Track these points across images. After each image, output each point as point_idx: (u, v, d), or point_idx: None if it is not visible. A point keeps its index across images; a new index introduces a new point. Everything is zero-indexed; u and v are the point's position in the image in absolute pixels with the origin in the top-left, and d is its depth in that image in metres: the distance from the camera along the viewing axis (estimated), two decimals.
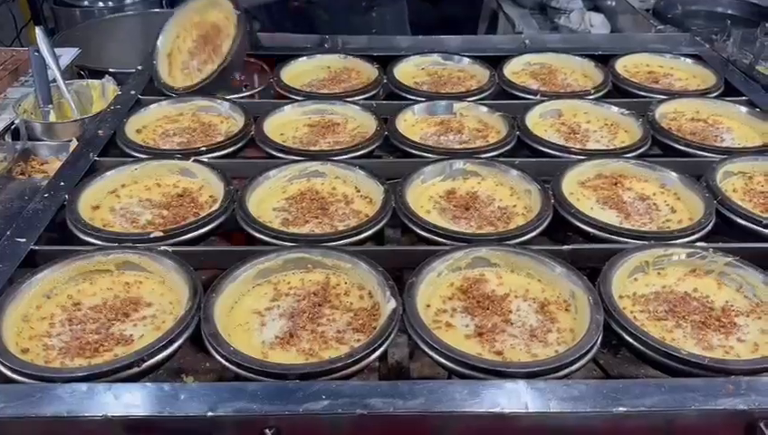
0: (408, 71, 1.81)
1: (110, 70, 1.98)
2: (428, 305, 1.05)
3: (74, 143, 1.52)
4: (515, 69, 1.83)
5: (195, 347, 1.01)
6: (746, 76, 1.82)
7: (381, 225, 1.20)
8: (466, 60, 1.85)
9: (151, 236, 1.14)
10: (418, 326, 0.96)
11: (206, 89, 1.61)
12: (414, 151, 1.42)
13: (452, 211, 1.27)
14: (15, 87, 1.82)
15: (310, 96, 1.64)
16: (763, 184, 1.35)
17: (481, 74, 1.78)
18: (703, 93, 1.70)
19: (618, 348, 1.08)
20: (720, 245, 1.15)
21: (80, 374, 0.88)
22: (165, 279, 1.07)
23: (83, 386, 0.86)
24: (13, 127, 1.60)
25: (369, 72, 1.78)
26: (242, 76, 1.85)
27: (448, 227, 1.20)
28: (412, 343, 0.98)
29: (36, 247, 1.13)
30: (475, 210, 1.27)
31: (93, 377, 0.88)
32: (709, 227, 1.20)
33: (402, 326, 0.99)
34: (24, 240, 1.13)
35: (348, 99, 1.62)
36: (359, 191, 1.32)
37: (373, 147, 1.44)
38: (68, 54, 1.94)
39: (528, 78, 1.80)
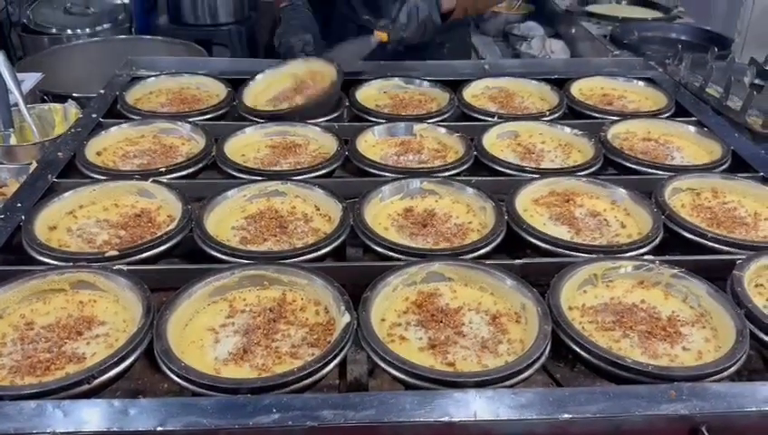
0: (370, 94, 1.85)
1: (74, 94, 1.99)
2: (383, 319, 1.06)
3: (34, 166, 1.52)
4: (475, 92, 1.87)
5: (152, 368, 1.01)
6: (697, 98, 1.89)
7: (339, 241, 1.22)
8: (427, 83, 1.89)
9: (106, 255, 1.14)
10: (372, 340, 0.98)
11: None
12: (373, 171, 1.45)
13: (409, 228, 1.30)
14: None
15: (272, 117, 1.66)
16: (710, 199, 1.40)
17: (441, 97, 1.82)
18: (654, 114, 1.76)
19: (574, 362, 1.11)
20: (667, 257, 1.19)
21: (28, 392, 0.87)
22: (119, 298, 1.07)
23: (32, 403, 0.85)
24: None
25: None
26: None
27: (405, 244, 1.22)
28: (371, 360, 0.99)
29: None
30: (432, 227, 1.30)
31: (43, 395, 0.88)
32: (657, 241, 1.24)
33: (357, 340, 1.00)
34: None
35: (310, 121, 1.64)
36: (318, 210, 1.34)
37: (333, 167, 1.47)
38: (30, 79, 1.95)
39: (487, 101, 1.85)
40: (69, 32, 3.38)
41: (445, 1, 1.90)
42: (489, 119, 1.71)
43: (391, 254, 1.19)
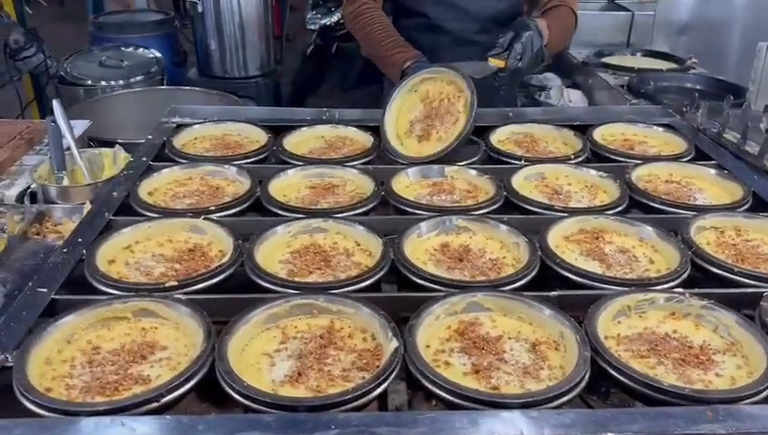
0: None
1: (119, 140, 2.10)
2: (428, 346, 1.12)
3: (87, 206, 1.61)
4: (501, 138, 1.95)
5: (199, 398, 1.07)
6: (715, 143, 1.97)
7: (382, 273, 1.28)
8: None
9: (166, 285, 1.21)
10: (420, 364, 1.03)
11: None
12: (409, 209, 1.53)
13: (447, 263, 1.36)
14: (31, 155, 1.93)
15: (312, 161, 1.75)
16: (734, 237, 1.46)
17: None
18: (676, 158, 1.83)
19: (607, 394, 1.15)
20: (696, 290, 1.24)
21: (101, 408, 0.94)
22: (179, 325, 1.13)
23: (106, 419, 0.91)
24: (29, 191, 1.69)
25: (364, 140, 1.91)
26: None
27: (444, 276, 1.29)
28: (410, 391, 1.04)
29: (57, 297, 1.20)
30: (468, 261, 1.36)
31: (114, 411, 0.94)
32: (685, 275, 1.30)
33: (404, 366, 1.05)
34: (45, 290, 1.20)
35: (347, 163, 1.73)
36: (359, 245, 1.41)
37: (371, 205, 1.54)
38: (80, 125, 2.06)
39: (513, 146, 1.93)
40: (103, 83, 3.54)
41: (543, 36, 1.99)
42: (516, 162, 1.79)
43: (431, 286, 1.25)
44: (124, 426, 0.90)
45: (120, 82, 3.58)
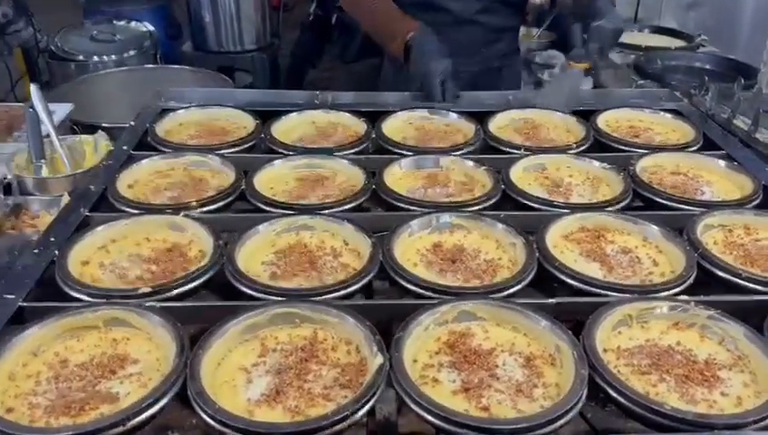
0: (396, 125, 1.85)
1: (104, 124, 2.02)
2: (415, 360, 1.05)
3: (66, 198, 1.54)
4: (500, 124, 1.87)
5: (181, 403, 1.01)
6: (724, 130, 1.88)
7: (369, 278, 1.22)
8: (453, 115, 1.89)
9: (139, 292, 1.14)
10: (405, 382, 0.97)
11: None
12: (401, 205, 1.45)
13: (439, 264, 1.29)
14: (8, 142, 1.85)
15: (300, 151, 1.67)
16: (743, 237, 1.38)
17: (467, 129, 1.82)
18: (682, 148, 1.75)
19: (605, 401, 1.09)
20: (702, 298, 1.17)
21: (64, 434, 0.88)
22: (152, 335, 1.07)
23: None
24: (5, 181, 1.62)
25: (357, 126, 1.83)
26: None
27: (435, 281, 1.22)
28: (400, 397, 0.98)
29: (25, 304, 1.13)
30: (461, 263, 1.29)
31: None
32: (691, 280, 1.22)
33: (390, 381, 0.99)
34: (12, 296, 1.14)
35: (337, 153, 1.65)
36: (347, 244, 1.34)
37: (361, 200, 1.47)
38: (62, 110, 1.98)
39: (512, 133, 1.84)
40: (95, 59, 3.45)
41: None
42: (516, 151, 1.71)
43: (421, 291, 1.18)
44: None
45: (113, 57, 3.49)
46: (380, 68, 2.40)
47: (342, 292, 1.18)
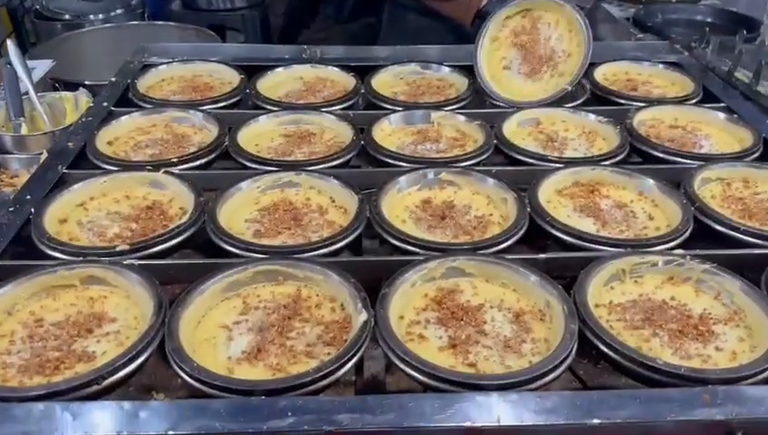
0: (386, 80, 1.80)
1: (86, 82, 1.96)
2: (402, 317, 1.02)
3: (45, 156, 1.49)
4: None
5: (166, 363, 0.98)
6: (725, 83, 1.82)
7: (355, 235, 1.18)
8: (445, 69, 1.84)
9: (117, 249, 1.11)
10: (390, 339, 0.94)
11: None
12: (390, 161, 1.41)
13: (428, 221, 1.25)
14: None
15: (286, 106, 1.62)
16: (741, 190, 1.35)
17: (459, 83, 1.77)
18: (681, 101, 1.70)
19: (597, 358, 1.06)
20: (697, 252, 1.13)
21: (36, 393, 0.85)
22: (130, 294, 1.04)
23: (40, 405, 0.83)
24: None
25: (345, 81, 1.77)
26: None
27: (423, 237, 1.18)
28: (388, 356, 0.96)
29: None
30: (450, 219, 1.25)
31: (51, 396, 0.85)
32: (687, 234, 1.19)
33: (374, 338, 0.96)
34: None
35: (325, 109, 1.60)
36: (333, 202, 1.30)
37: (349, 157, 1.42)
38: (42, 66, 1.92)
39: None
40: (81, 18, 3.36)
41: None
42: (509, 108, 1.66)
43: (410, 248, 1.15)
44: (60, 413, 0.82)
45: (100, 15, 3.39)
46: (376, 28, 2.32)
47: (327, 249, 1.14)
